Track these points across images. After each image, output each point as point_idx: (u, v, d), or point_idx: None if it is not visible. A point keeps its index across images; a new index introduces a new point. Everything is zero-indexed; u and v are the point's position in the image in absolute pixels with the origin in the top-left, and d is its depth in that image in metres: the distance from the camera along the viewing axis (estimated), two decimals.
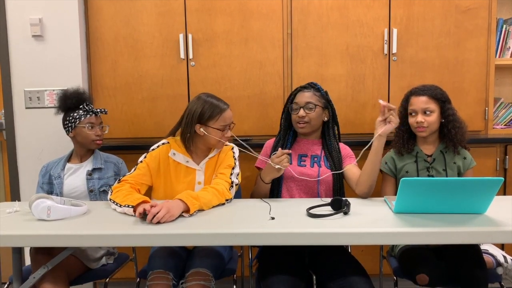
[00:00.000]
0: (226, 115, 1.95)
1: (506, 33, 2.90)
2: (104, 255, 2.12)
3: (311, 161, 2.09)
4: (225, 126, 1.95)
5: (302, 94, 2.10)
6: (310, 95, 2.08)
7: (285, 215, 1.64)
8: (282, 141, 2.13)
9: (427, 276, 1.77)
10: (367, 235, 1.44)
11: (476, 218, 1.52)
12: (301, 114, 2.06)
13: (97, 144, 2.20)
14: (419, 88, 2.11)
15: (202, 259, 1.80)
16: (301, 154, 2.11)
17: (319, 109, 2.08)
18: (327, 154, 2.09)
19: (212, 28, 2.78)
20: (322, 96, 2.11)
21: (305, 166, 2.07)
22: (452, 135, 2.06)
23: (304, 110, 2.06)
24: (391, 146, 2.20)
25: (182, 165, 1.97)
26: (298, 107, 2.08)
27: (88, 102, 2.21)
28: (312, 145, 2.13)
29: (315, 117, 2.07)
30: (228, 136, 1.98)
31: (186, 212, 1.63)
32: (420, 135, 2.09)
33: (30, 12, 2.67)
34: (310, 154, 2.11)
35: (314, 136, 2.14)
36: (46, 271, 1.73)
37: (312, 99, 2.07)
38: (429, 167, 2.10)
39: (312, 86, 2.12)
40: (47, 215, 1.61)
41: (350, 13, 2.77)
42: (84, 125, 2.16)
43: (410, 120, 2.11)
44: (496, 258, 2.07)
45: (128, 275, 2.41)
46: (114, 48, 2.81)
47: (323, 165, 2.07)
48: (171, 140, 2.03)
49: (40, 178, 2.21)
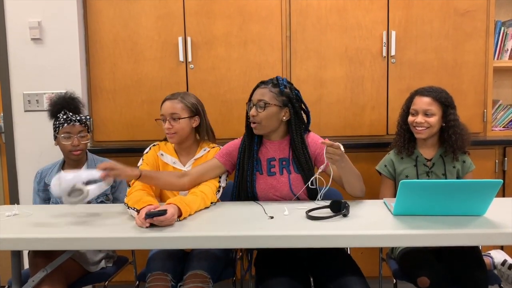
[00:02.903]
0: (162, 106, 2.04)
1: (504, 35, 2.90)
2: (103, 258, 2.11)
3: (280, 166, 1.94)
4: (163, 116, 2.01)
5: (257, 90, 1.92)
6: (264, 92, 1.89)
7: (284, 217, 1.64)
8: (249, 144, 1.96)
9: (428, 278, 1.76)
10: (366, 238, 1.44)
11: (475, 220, 1.52)
12: (251, 113, 1.89)
13: (74, 155, 2.10)
14: (425, 89, 2.10)
15: (200, 261, 1.81)
16: (269, 158, 1.95)
17: (274, 108, 1.87)
18: (295, 158, 1.92)
19: (211, 31, 2.79)
20: (281, 93, 1.89)
21: (274, 175, 1.93)
22: (452, 141, 2.05)
23: (255, 108, 1.89)
24: (392, 146, 2.20)
25: (169, 166, 2.05)
26: (251, 105, 1.91)
27: (65, 110, 2.08)
28: (278, 146, 1.96)
29: (265, 117, 1.87)
30: (165, 127, 1.99)
31: (178, 217, 1.64)
32: (418, 136, 2.08)
33: (29, 15, 2.67)
34: (278, 158, 1.95)
35: (276, 137, 1.97)
36: (45, 274, 1.72)
37: (265, 97, 1.87)
38: (428, 171, 2.10)
39: (272, 81, 1.92)
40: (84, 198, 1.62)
41: (349, 16, 2.77)
42: (61, 135, 2.08)
43: (409, 119, 2.10)
44: (494, 260, 2.07)
45: (127, 278, 2.41)
46: (113, 51, 2.81)
47: (292, 171, 1.92)
48: (161, 143, 2.12)
49: (35, 185, 2.20)
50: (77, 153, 2.11)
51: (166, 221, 1.53)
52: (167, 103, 2.03)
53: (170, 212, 1.54)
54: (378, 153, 2.42)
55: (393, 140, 2.20)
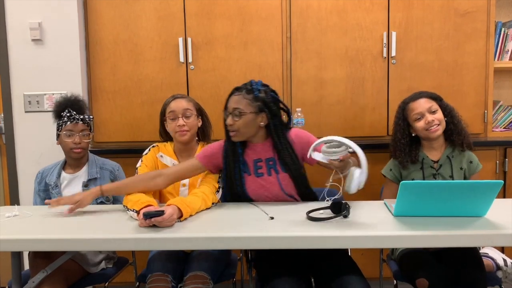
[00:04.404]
0: (172, 104, 2.02)
1: (504, 36, 2.90)
2: (103, 259, 2.11)
3: (267, 166, 1.90)
4: (174, 114, 2.01)
5: (232, 98, 1.87)
6: (238, 99, 1.83)
7: (284, 218, 1.64)
8: (232, 149, 1.90)
9: (427, 280, 1.76)
10: (367, 239, 1.44)
11: (476, 221, 1.52)
12: (228, 122, 1.84)
13: (75, 153, 2.11)
14: (414, 95, 2.12)
15: (200, 262, 1.81)
16: (255, 159, 1.91)
17: (250, 116, 1.82)
18: (281, 158, 1.87)
19: (212, 32, 2.79)
20: (256, 98, 1.82)
21: (262, 176, 1.90)
22: (458, 129, 2.05)
23: (232, 117, 1.83)
24: (393, 157, 2.16)
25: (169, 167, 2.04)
26: (227, 113, 1.86)
27: (69, 109, 2.11)
28: (262, 148, 1.91)
29: (242, 125, 1.82)
30: (179, 124, 1.99)
31: (179, 218, 1.64)
32: (434, 135, 2.03)
33: (30, 16, 2.67)
34: (264, 158, 1.91)
35: (258, 139, 1.91)
36: (46, 275, 1.72)
37: (240, 105, 1.82)
38: (435, 173, 2.07)
39: (246, 88, 1.86)
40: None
41: (349, 17, 2.77)
42: (63, 132, 2.11)
43: (418, 125, 2.05)
44: (496, 262, 2.06)
45: (128, 279, 2.41)
46: (114, 52, 2.81)
47: (280, 171, 1.88)
48: (160, 144, 2.12)
49: (36, 185, 2.20)
50: (78, 151, 2.11)
51: (164, 222, 1.52)
52: (179, 101, 2.03)
53: (168, 212, 1.54)
54: (379, 154, 2.42)
55: (393, 154, 2.14)
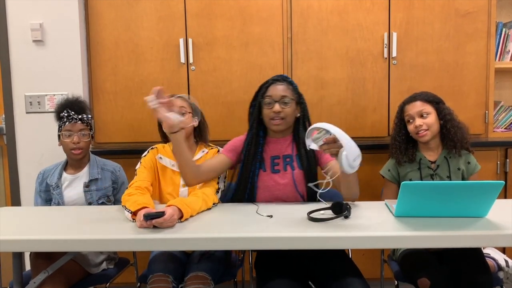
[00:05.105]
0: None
1: (505, 37, 2.90)
2: (104, 260, 2.11)
3: (284, 163, 1.95)
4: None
5: (275, 87, 1.92)
6: (284, 88, 1.91)
7: (285, 219, 1.64)
8: (255, 141, 1.95)
9: (428, 280, 1.76)
10: (368, 239, 1.44)
11: (477, 222, 1.52)
12: (276, 109, 1.88)
13: (75, 154, 2.10)
14: (411, 96, 2.14)
15: (201, 263, 1.81)
16: (273, 156, 1.97)
17: (294, 104, 1.92)
18: (299, 153, 1.94)
19: (212, 33, 2.79)
20: (295, 90, 1.94)
21: (278, 172, 1.94)
22: (451, 134, 2.05)
23: (279, 104, 1.89)
24: (390, 156, 2.19)
25: (168, 169, 2.05)
26: (272, 101, 1.89)
27: (68, 109, 2.11)
28: (283, 144, 1.98)
29: (290, 112, 1.91)
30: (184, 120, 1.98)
31: (179, 218, 1.64)
32: (423, 140, 2.08)
33: (31, 17, 2.68)
34: (282, 155, 1.97)
35: (285, 133, 1.99)
36: (47, 276, 1.72)
37: (287, 93, 1.90)
38: (433, 174, 2.08)
39: (284, 79, 1.95)
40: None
41: (350, 17, 2.78)
42: (63, 133, 2.11)
43: (409, 128, 2.11)
44: (498, 262, 2.06)
45: (129, 280, 2.41)
46: (115, 53, 2.82)
47: (296, 167, 1.94)
48: (159, 146, 2.11)
49: (37, 186, 2.20)
50: (77, 152, 2.11)
51: (165, 223, 1.52)
52: (174, 100, 2.01)
53: (169, 213, 1.54)
54: (380, 154, 2.42)
55: (390, 152, 2.18)
